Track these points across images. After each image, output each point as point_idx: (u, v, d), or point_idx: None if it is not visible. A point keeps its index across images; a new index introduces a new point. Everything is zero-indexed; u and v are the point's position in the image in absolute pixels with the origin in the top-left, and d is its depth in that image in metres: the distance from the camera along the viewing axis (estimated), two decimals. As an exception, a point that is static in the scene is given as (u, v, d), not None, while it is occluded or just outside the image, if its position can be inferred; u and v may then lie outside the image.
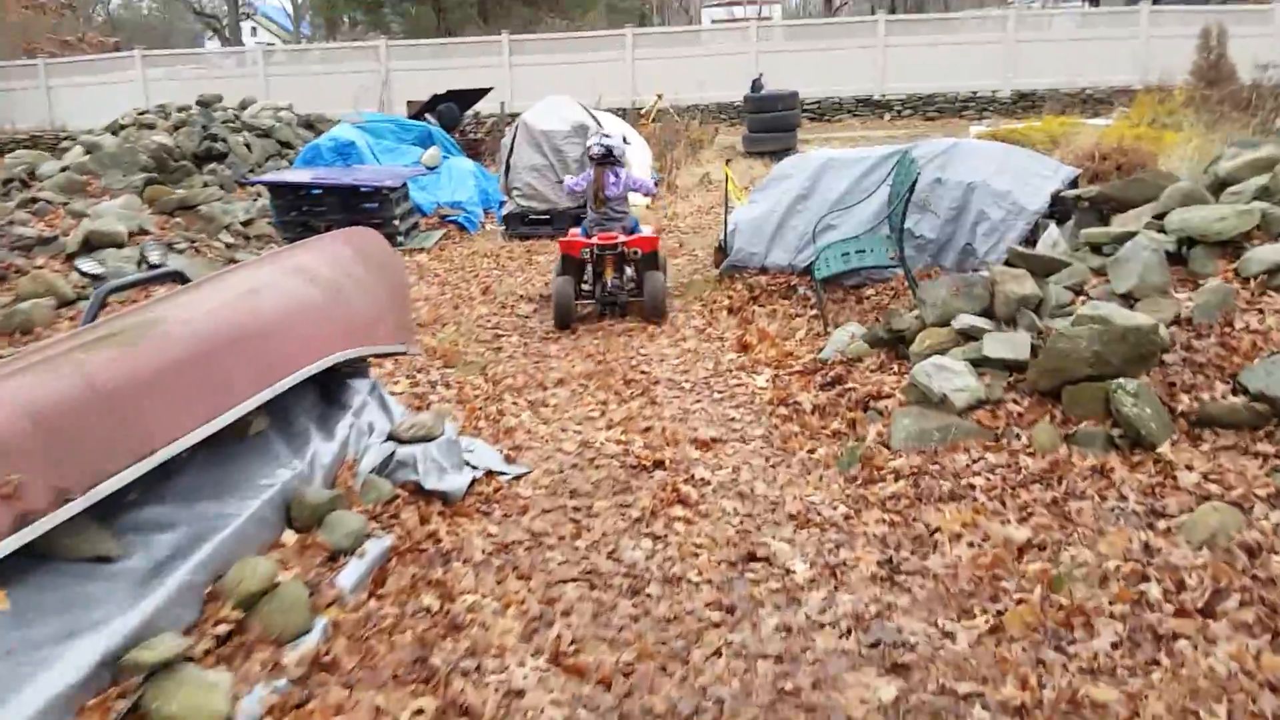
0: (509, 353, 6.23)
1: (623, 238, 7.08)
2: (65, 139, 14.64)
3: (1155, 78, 20.98)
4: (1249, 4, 22.26)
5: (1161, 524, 3.60)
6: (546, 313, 7.13)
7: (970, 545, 3.64)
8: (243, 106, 13.58)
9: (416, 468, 3.96)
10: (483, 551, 3.77)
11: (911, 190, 5.93)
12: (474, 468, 4.28)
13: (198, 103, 13.27)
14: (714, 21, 32.75)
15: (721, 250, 7.86)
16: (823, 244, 7.09)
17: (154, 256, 5.78)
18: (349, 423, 4.01)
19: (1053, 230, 6.12)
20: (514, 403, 5.33)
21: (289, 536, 3.48)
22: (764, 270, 7.57)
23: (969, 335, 4.81)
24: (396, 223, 9.32)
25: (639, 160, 12.27)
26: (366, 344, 4.10)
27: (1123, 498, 3.80)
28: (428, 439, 4.06)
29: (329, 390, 4.13)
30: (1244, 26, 20.53)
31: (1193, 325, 4.44)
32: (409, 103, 15.20)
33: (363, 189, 9.13)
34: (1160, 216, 5.13)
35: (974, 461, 4.14)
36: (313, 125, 13.54)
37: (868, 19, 23.09)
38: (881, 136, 17.92)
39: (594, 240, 7.07)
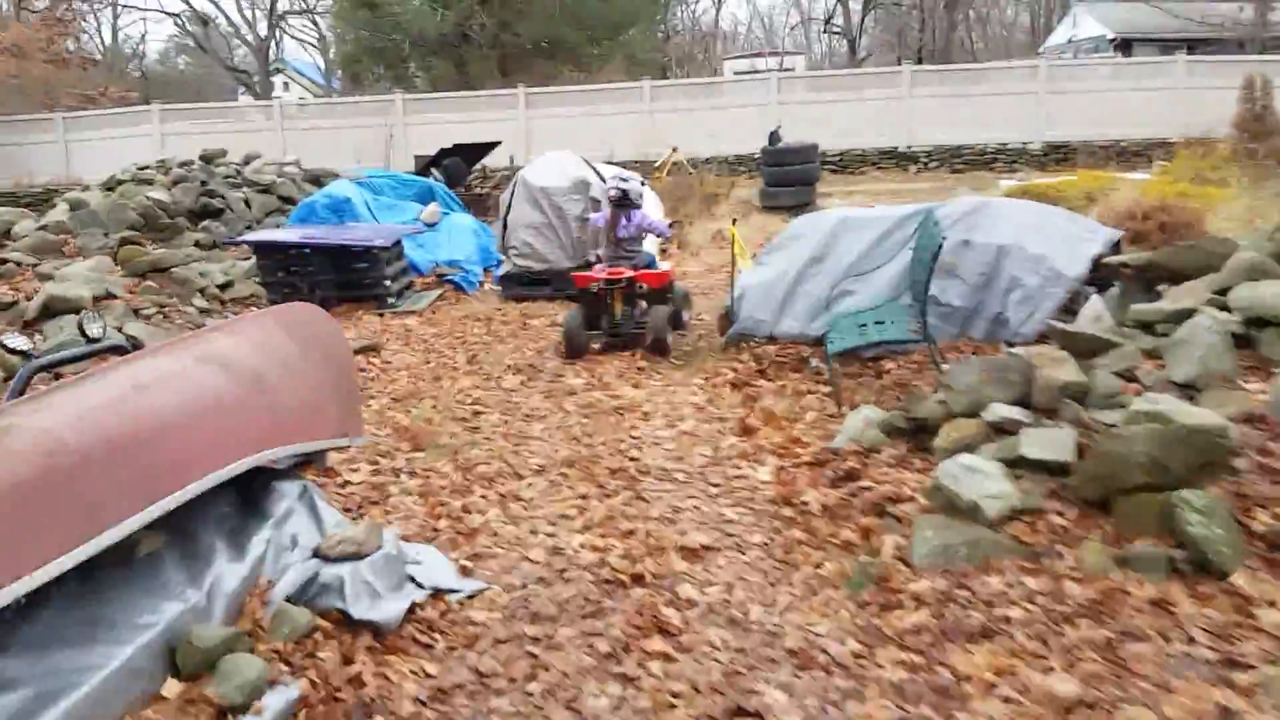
0: (486, 433, 5.62)
1: (630, 273, 7.42)
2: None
3: (1193, 130, 20.38)
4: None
5: (1239, 677, 2.92)
6: (533, 386, 6.55)
7: (1006, 701, 2.97)
8: (246, 161, 13.23)
9: (344, 592, 3.34)
10: (414, 700, 3.13)
11: (935, 257, 5.32)
12: (420, 585, 3.65)
13: (200, 157, 12.94)
14: (736, 73, 32.50)
15: (727, 317, 7.26)
16: (837, 313, 6.48)
17: (93, 330, 5.22)
18: (267, 537, 3.40)
19: (1095, 302, 5.47)
20: (483, 496, 4.71)
21: (171, 688, 2.87)
22: (773, 339, 6.95)
23: (1002, 429, 4.16)
24: (388, 283, 8.81)
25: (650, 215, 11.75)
26: (294, 442, 3.51)
27: (1190, 640, 3.12)
28: (358, 556, 3.44)
29: (248, 496, 3.54)
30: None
31: (1267, 424, 3.76)
32: (416, 157, 14.82)
33: (352, 249, 8.63)
34: (1223, 292, 4.48)
35: (1010, 587, 3.47)
36: (319, 180, 13.17)
37: (892, 69, 22.66)
38: (907, 190, 17.35)
39: (602, 275, 7.44)
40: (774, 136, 14.69)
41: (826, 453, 4.87)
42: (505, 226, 9.06)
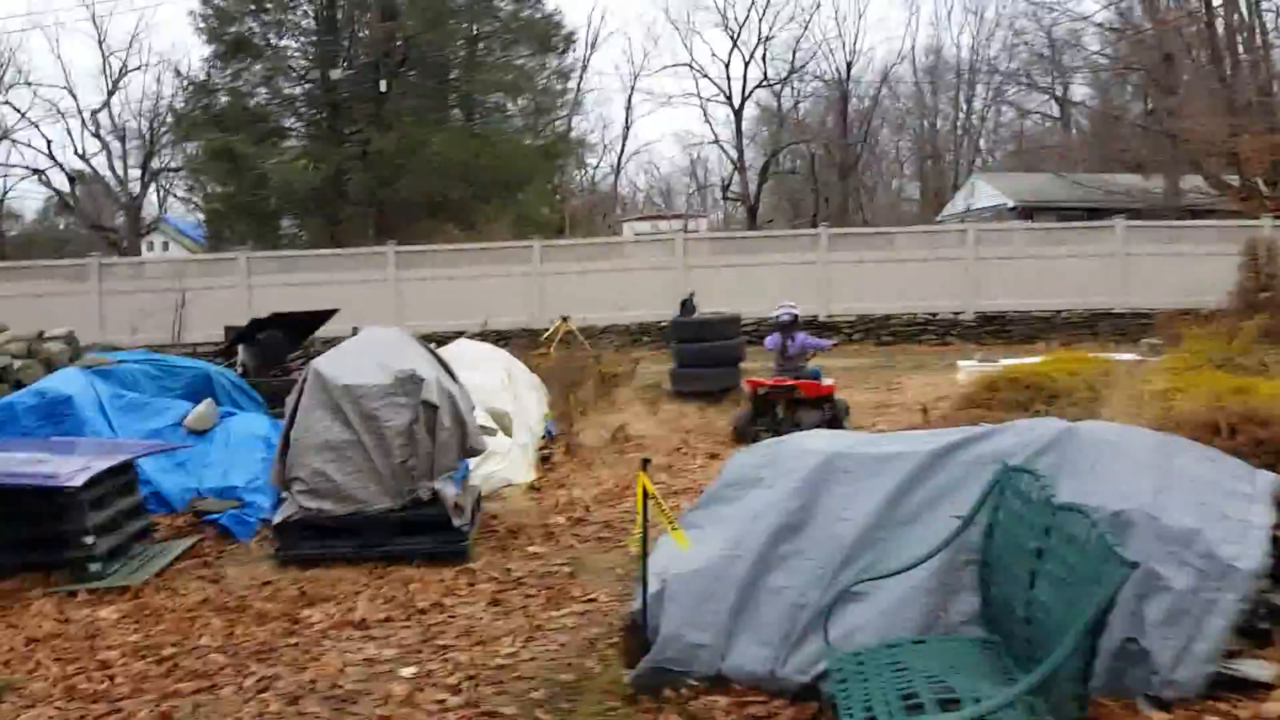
0: None
1: (791, 381, 9.34)
2: None
3: (1134, 300, 18.64)
4: (1228, 220, 20.42)
5: None
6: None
7: None
8: (-22, 337, 9.84)
9: None
10: None
11: (1109, 608, 2.36)
12: None
13: (-84, 331, 9.55)
14: (637, 235, 30.58)
15: (637, 630, 4.13)
16: (840, 641, 3.46)
17: None
18: None
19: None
20: None
21: None
22: (720, 681, 3.83)
23: None
24: (90, 540, 5.47)
25: (523, 409, 8.73)
26: None
27: None
28: None
29: None
30: (1230, 244, 18.48)
31: None
32: (226, 329, 11.64)
33: (12, 487, 5.25)
34: None
35: None
36: (91, 358, 9.79)
37: (808, 231, 20.70)
38: (843, 367, 14.75)
39: (769, 382, 9.43)
40: (687, 305, 11.98)
41: None
42: (287, 445, 5.84)
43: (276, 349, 10.12)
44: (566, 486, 7.55)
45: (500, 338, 18.63)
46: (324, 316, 11.23)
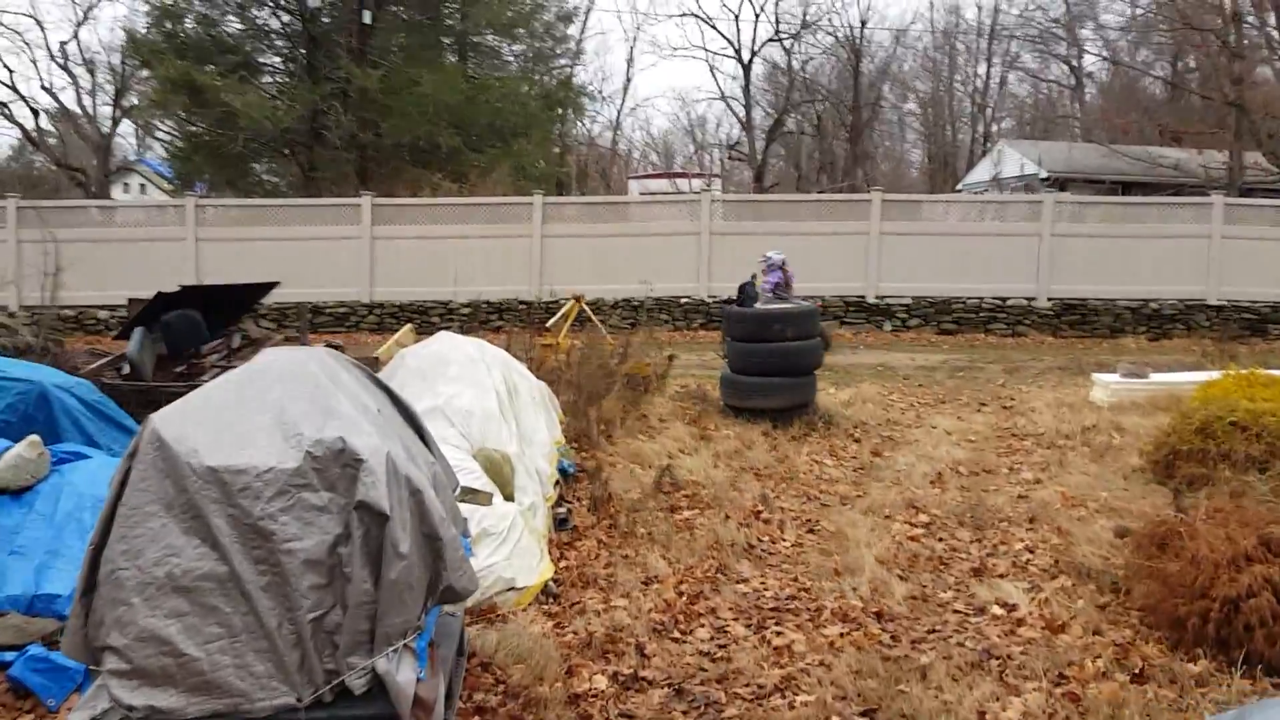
0: None
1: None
2: None
3: (1233, 290, 15.98)
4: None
5: None
6: None
7: None
8: None
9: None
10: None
11: None
12: None
13: None
14: (643, 194, 27.62)
15: None
16: None
17: None
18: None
19: None
20: None
21: None
22: None
23: None
24: None
25: (529, 443, 5.99)
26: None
27: None
28: None
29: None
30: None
31: None
32: (130, 301, 8.80)
33: None
34: None
35: None
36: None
37: (858, 197, 17.82)
38: (905, 361, 12.01)
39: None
40: (747, 291, 9.15)
41: None
42: (95, 578, 3.06)
43: (187, 337, 7.29)
44: (602, 589, 4.80)
45: (493, 311, 15.88)
46: (260, 291, 8.39)
